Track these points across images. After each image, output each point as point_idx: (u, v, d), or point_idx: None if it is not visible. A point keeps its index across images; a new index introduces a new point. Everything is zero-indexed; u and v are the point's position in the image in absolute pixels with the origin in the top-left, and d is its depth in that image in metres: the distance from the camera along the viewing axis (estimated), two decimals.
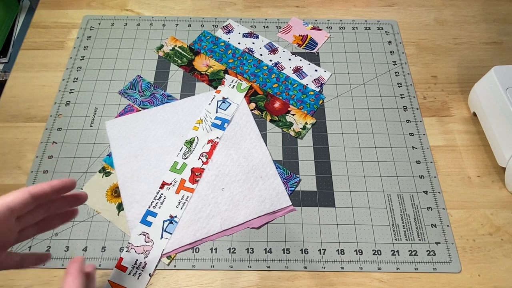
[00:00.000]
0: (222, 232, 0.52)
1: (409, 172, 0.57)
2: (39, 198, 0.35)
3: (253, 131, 0.60)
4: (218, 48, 0.69)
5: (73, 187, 0.38)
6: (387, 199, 0.55)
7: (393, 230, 0.53)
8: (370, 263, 0.50)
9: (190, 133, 0.59)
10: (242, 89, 0.64)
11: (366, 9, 0.75)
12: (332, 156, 0.58)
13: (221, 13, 0.74)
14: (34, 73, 0.66)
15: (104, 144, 0.59)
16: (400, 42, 0.71)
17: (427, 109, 0.63)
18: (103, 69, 0.67)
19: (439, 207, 0.54)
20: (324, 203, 0.55)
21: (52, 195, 0.37)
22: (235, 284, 0.49)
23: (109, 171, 0.57)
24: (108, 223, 0.53)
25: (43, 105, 0.63)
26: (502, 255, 0.51)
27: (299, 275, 0.50)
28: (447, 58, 0.69)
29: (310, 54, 0.69)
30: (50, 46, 0.70)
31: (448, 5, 0.76)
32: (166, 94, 0.64)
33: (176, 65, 0.67)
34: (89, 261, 0.50)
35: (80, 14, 0.74)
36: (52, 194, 0.36)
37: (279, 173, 0.56)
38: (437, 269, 0.50)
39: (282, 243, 0.52)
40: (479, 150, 0.60)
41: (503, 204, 0.55)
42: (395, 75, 0.67)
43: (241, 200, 0.54)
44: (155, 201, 0.54)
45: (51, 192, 0.36)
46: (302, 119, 0.62)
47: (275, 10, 0.75)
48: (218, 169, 0.56)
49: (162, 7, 0.75)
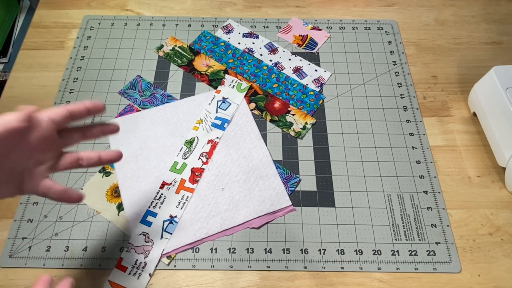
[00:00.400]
0: (222, 232, 0.52)
1: (409, 172, 0.57)
2: (74, 114, 0.40)
3: (253, 131, 0.60)
4: (218, 48, 0.69)
5: (103, 110, 0.42)
6: (387, 199, 0.55)
7: (393, 230, 0.53)
8: (370, 263, 0.50)
9: (190, 133, 0.59)
10: (242, 89, 0.64)
11: (366, 9, 0.75)
12: (332, 156, 0.58)
13: (221, 13, 0.74)
14: (34, 73, 0.66)
15: (104, 144, 0.59)
16: (400, 42, 0.71)
17: (427, 109, 0.63)
18: (103, 69, 0.67)
19: (439, 207, 0.54)
20: (324, 203, 0.55)
21: (85, 112, 0.41)
22: (235, 284, 0.49)
23: (109, 171, 0.57)
24: (108, 223, 0.53)
25: (43, 105, 0.62)
26: (502, 255, 0.51)
27: (299, 275, 0.50)
28: (447, 58, 0.69)
29: (310, 54, 0.69)
30: (50, 46, 0.70)
31: (448, 5, 0.76)
32: (166, 94, 0.64)
33: (176, 65, 0.67)
34: (89, 261, 0.50)
35: (80, 14, 0.74)
36: (85, 112, 0.41)
37: (279, 173, 0.56)
38: (437, 269, 0.50)
39: (282, 243, 0.52)
40: (479, 150, 0.60)
41: (503, 204, 0.55)
42: (395, 75, 0.67)
43: (241, 200, 0.54)
44: (155, 201, 0.54)
45: (84, 110, 0.41)
46: (302, 119, 0.62)
47: (275, 10, 0.75)
48: (218, 169, 0.56)
49: (162, 7, 0.75)
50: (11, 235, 0.52)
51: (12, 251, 0.50)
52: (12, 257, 0.50)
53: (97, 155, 0.42)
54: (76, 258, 0.50)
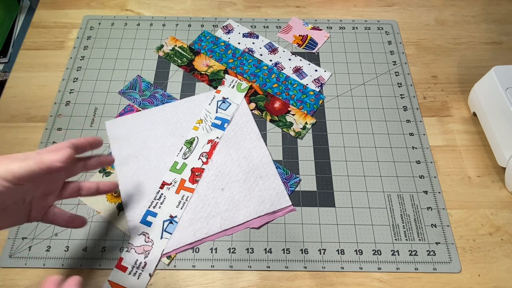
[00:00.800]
0: (222, 232, 0.52)
1: (409, 172, 0.57)
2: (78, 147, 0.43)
3: (253, 131, 0.60)
4: (218, 48, 0.69)
5: (101, 144, 0.46)
6: (387, 199, 0.55)
7: (393, 230, 0.53)
8: (370, 263, 0.50)
9: (190, 133, 0.59)
10: (242, 89, 0.64)
11: (366, 9, 0.75)
12: (332, 156, 0.58)
13: (221, 13, 0.74)
14: (34, 73, 0.66)
15: (104, 144, 0.59)
16: (400, 42, 0.71)
17: (427, 109, 0.63)
18: (103, 69, 0.67)
19: (439, 207, 0.54)
20: (324, 203, 0.55)
21: (87, 147, 0.44)
22: (235, 284, 0.49)
23: (109, 171, 0.57)
24: (108, 223, 0.53)
25: (43, 105, 0.63)
26: (502, 255, 0.51)
27: (299, 275, 0.50)
28: (447, 58, 0.69)
29: (310, 54, 0.69)
30: (50, 46, 0.70)
31: (448, 5, 0.76)
32: (166, 94, 0.64)
33: (176, 65, 0.67)
34: (89, 261, 0.50)
35: (80, 14, 0.74)
36: (87, 146, 0.44)
37: (279, 173, 0.56)
38: (437, 269, 0.50)
39: (282, 243, 0.52)
40: (479, 150, 0.60)
41: (503, 204, 0.55)
42: (395, 75, 0.67)
43: (241, 200, 0.54)
44: (155, 201, 0.54)
45: (87, 144, 0.44)
46: (302, 119, 0.62)
47: (275, 10, 0.75)
48: (218, 169, 0.56)
49: (162, 7, 0.75)
50: (11, 235, 0.52)
51: (12, 251, 0.50)
52: (12, 257, 0.50)
53: (95, 186, 0.45)
54: (76, 258, 0.50)
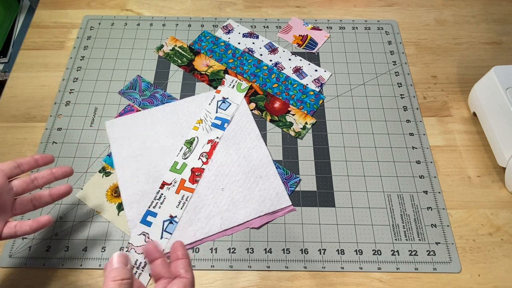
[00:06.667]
0: (222, 232, 0.52)
1: (409, 172, 0.57)
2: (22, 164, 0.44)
3: (253, 131, 0.60)
4: (218, 48, 0.69)
5: (51, 160, 0.47)
6: (387, 199, 0.55)
7: (393, 230, 0.53)
8: (370, 263, 0.50)
9: (190, 133, 0.59)
10: (242, 89, 0.64)
11: (366, 9, 0.75)
12: (332, 156, 0.58)
13: (221, 13, 0.74)
14: (34, 73, 0.66)
15: (104, 144, 0.59)
16: (400, 42, 0.71)
17: (427, 109, 0.63)
18: (103, 69, 0.67)
19: (439, 207, 0.54)
20: (324, 203, 0.55)
21: (33, 163, 0.45)
22: (235, 284, 0.49)
23: (109, 171, 0.57)
24: (108, 223, 0.53)
25: (43, 105, 0.63)
26: (502, 255, 0.51)
27: (299, 275, 0.50)
28: (447, 58, 0.69)
29: (310, 54, 0.69)
30: (50, 46, 0.70)
31: (448, 5, 0.76)
32: (166, 94, 0.64)
33: (176, 65, 0.67)
34: (89, 261, 0.50)
35: (80, 14, 0.74)
36: (33, 162, 0.45)
37: (279, 173, 0.56)
38: (437, 269, 0.50)
39: (282, 243, 0.52)
40: (479, 150, 0.60)
41: (503, 204, 0.55)
42: (395, 75, 0.67)
43: (241, 200, 0.54)
44: (155, 201, 0.54)
45: (32, 160, 0.45)
46: (302, 119, 0.62)
47: (275, 10, 0.75)
48: (218, 169, 0.56)
49: (162, 7, 0.75)
50: None
51: (12, 251, 0.50)
52: (12, 257, 0.50)
53: (47, 193, 0.45)
54: (76, 258, 0.50)
